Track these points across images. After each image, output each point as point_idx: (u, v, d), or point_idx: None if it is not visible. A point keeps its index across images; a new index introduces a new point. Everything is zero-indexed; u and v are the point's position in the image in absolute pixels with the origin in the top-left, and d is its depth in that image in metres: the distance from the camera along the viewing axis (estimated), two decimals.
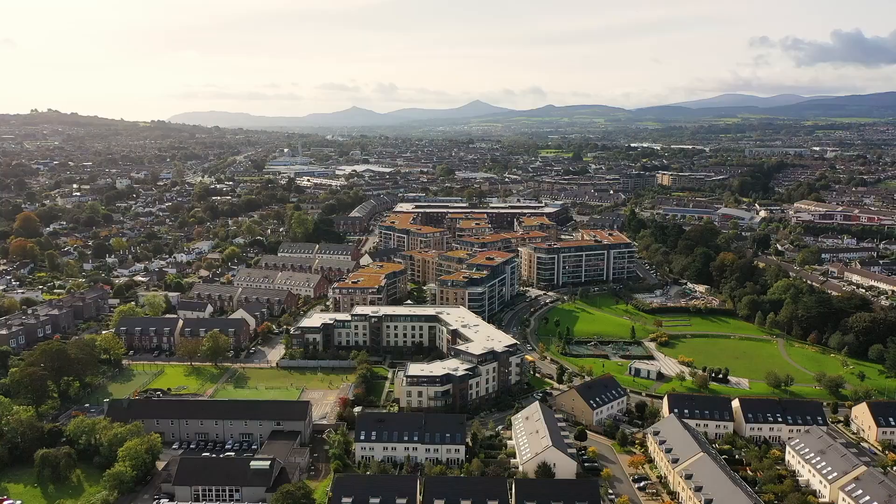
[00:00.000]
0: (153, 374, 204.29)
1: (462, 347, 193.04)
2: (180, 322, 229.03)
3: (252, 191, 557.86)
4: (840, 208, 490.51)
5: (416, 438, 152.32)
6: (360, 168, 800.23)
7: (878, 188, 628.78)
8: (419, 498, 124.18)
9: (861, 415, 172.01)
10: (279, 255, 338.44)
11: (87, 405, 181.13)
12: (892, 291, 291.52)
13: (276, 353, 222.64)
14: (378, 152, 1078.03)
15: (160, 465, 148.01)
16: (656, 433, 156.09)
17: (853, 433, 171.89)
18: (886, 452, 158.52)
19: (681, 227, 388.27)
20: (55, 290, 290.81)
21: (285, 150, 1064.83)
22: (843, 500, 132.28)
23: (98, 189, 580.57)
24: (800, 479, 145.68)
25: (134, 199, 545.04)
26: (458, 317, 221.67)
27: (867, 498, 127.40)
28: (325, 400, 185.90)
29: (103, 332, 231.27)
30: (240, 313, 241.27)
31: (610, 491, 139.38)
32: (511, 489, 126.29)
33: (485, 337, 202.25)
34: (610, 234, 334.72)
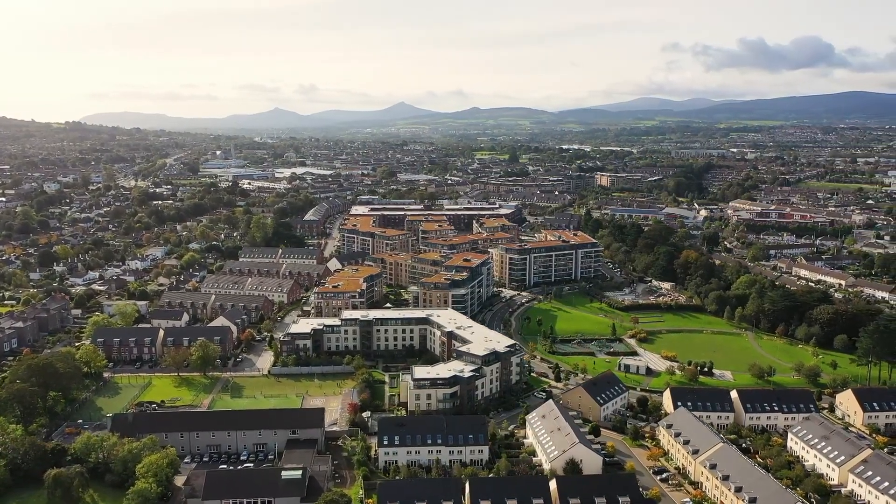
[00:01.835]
0: (141, 387, 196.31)
1: (464, 349, 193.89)
2: (161, 332, 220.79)
3: (195, 195, 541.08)
4: (773, 207, 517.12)
5: (439, 441, 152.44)
6: (298, 171, 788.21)
7: (800, 187, 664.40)
8: (467, 500, 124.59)
9: (846, 401, 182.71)
10: (241, 260, 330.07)
11: (80, 421, 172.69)
12: (840, 285, 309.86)
13: (263, 361, 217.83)
14: (313, 154, 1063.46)
15: (178, 480, 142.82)
16: (669, 426, 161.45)
17: (839, 419, 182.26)
18: (874, 436, 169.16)
19: (640, 226, 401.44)
20: (5, 302, 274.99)
21: (217, 152, 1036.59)
22: (854, 481, 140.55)
23: (25, 194, 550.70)
24: (805, 464, 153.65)
25: (68, 205, 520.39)
26: (449, 319, 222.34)
27: (878, 478, 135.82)
28: (329, 406, 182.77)
29: (76, 344, 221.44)
30: (220, 321, 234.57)
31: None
32: (550, 487, 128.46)
33: (482, 338, 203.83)
34: (575, 235, 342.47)
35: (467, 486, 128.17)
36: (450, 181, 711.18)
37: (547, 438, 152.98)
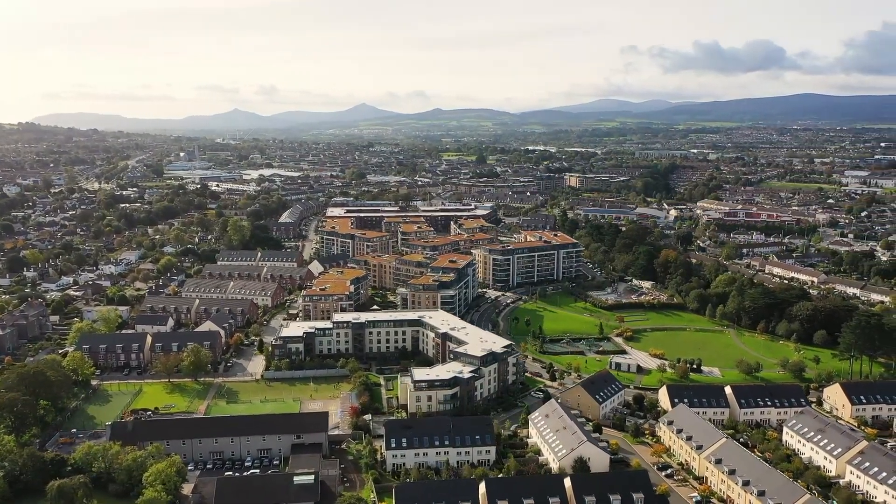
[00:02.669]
0: (132, 394, 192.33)
1: (461, 350, 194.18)
2: (149, 338, 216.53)
3: (164, 197, 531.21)
4: (740, 206, 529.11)
5: (446, 442, 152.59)
6: (266, 172, 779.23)
7: (762, 187, 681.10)
8: (484, 501, 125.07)
9: (834, 394, 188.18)
10: (220, 263, 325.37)
11: (73, 430, 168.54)
12: (812, 282, 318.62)
13: (254, 365, 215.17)
14: (278, 156, 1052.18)
15: (185, 488, 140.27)
16: (670, 423, 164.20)
17: (827, 412, 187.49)
18: (863, 428, 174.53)
19: (617, 227, 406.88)
20: None
21: (181, 153, 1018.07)
22: (851, 472, 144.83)
23: None
24: (802, 456, 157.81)
25: (31, 208, 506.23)
26: (441, 320, 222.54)
27: (876, 469, 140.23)
28: (328, 410, 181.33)
29: (60, 351, 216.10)
30: (208, 325, 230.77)
31: None
32: (565, 485, 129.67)
33: (477, 339, 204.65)
34: (555, 235, 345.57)
35: (482, 486, 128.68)
36: (420, 182, 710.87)
37: (553, 437, 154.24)
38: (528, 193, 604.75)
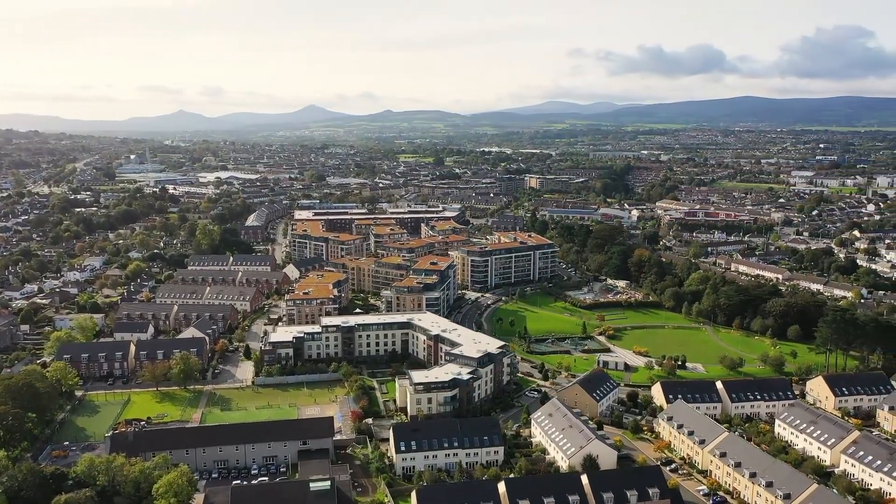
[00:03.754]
0: (121, 404, 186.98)
1: (456, 351, 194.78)
2: (132, 345, 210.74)
3: (122, 201, 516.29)
4: (699, 206, 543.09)
5: (455, 444, 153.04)
6: (223, 175, 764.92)
7: (716, 187, 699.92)
8: (505, 501, 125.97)
9: (817, 387, 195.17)
10: (191, 268, 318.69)
11: (66, 443, 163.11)
12: (777, 279, 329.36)
13: (242, 372, 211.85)
14: (233, 158, 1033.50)
15: (197, 498, 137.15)
16: (670, 418, 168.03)
17: (810, 404, 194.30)
18: (846, 418, 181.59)
19: (588, 227, 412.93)
20: None
21: (131, 156, 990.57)
22: (846, 461, 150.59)
23: None
24: (796, 448, 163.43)
25: None
26: (431, 322, 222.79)
27: (870, 458, 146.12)
28: (326, 415, 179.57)
29: (38, 361, 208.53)
30: (192, 332, 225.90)
31: None
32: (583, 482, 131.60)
33: (470, 340, 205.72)
34: (529, 236, 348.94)
35: (501, 486, 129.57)
36: (381, 184, 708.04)
37: (560, 436, 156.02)
38: (492, 195, 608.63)
